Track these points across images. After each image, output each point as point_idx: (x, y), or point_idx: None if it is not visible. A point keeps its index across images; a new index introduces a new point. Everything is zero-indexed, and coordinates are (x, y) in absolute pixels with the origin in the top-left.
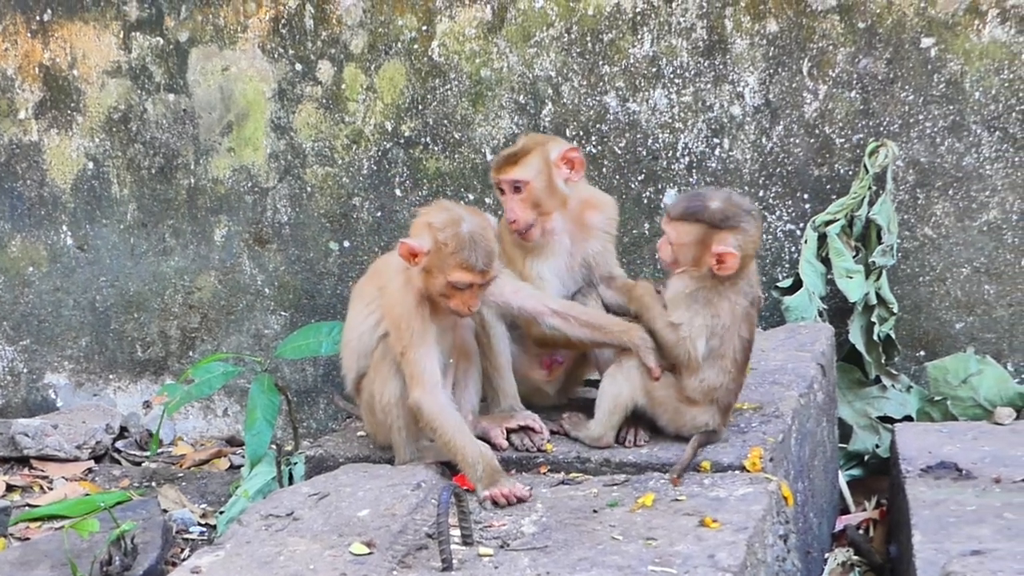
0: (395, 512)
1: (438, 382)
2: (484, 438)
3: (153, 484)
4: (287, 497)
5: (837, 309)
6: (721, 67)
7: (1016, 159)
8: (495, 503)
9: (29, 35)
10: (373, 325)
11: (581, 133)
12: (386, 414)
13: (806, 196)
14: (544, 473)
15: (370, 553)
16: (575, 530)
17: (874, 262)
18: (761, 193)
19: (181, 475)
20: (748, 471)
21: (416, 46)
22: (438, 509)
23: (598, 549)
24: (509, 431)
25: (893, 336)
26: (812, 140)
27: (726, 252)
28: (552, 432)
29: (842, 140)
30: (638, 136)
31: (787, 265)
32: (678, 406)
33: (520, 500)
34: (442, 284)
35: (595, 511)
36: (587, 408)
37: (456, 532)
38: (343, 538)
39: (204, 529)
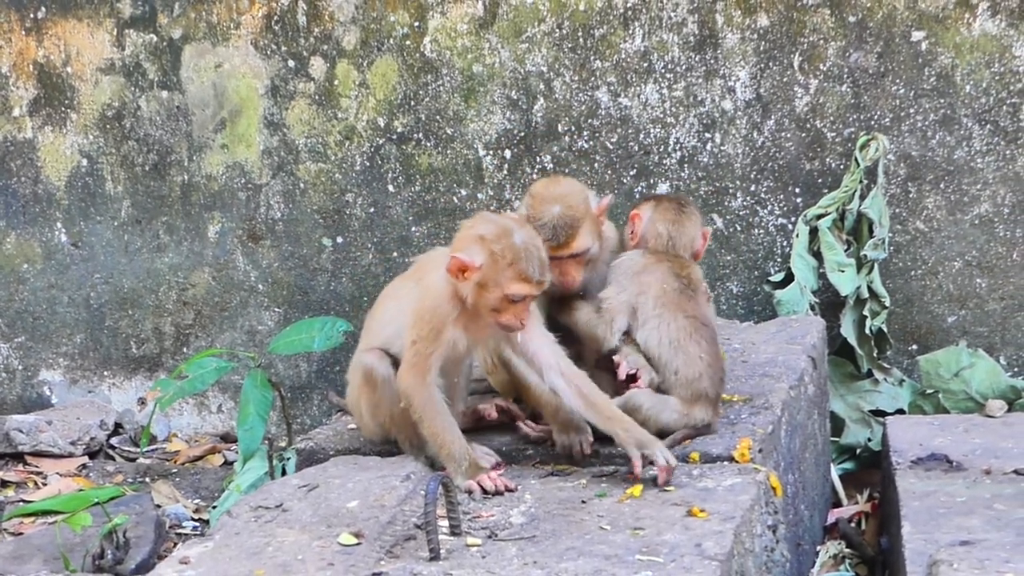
0: (384, 503)
1: (435, 378)
2: (476, 416)
3: (147, 480)
4: (277, 489)
5: (829, 303)
6: (712, 62)
7: (1007, 152)
8: (483, 489)
9: (23, 32)
10: (398, 329)
11: (573, 128)
12: (386, 430)
13: (797, 190)
14: (534, 465)
15: (358, 543)
16: (563, 520)
17: (866, 256)
18: (753, 187)
19: (175, 471)
20: (737, 462)
21: (408, 42)
22: (425, 499)
23: (585, 539)
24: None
25: (885, 330)
26: (803, 134)
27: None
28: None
29: (833, 134)
30: (630, 131)
31: (779, 259)
32: (677, 407)
33: (508, 489)
34: (497, 298)
35: (583, 502)
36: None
37: (444, 522)
38: (332, 529)
39: (197, 524)
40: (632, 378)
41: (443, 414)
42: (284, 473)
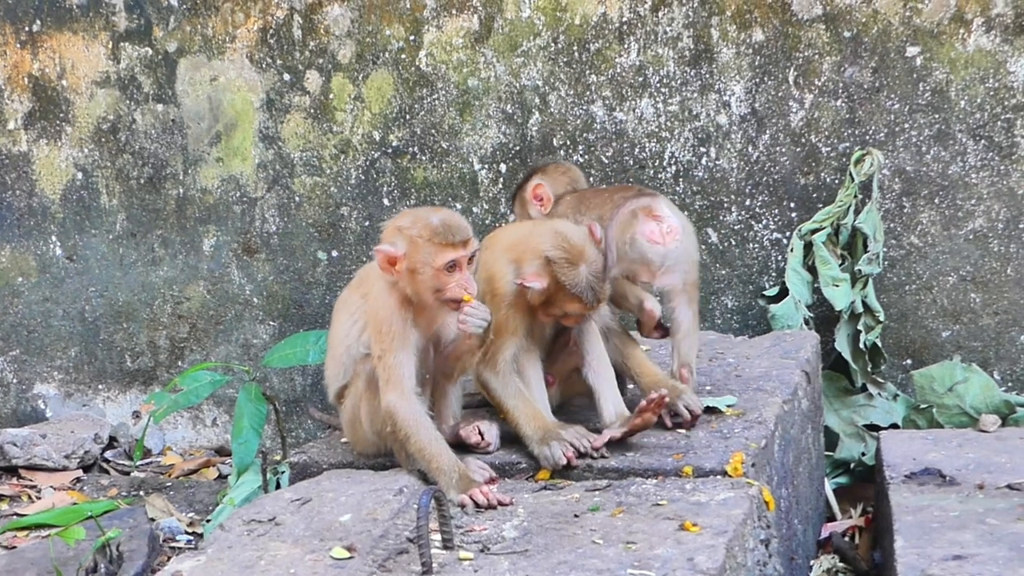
0: (377, 517)
1: (413, 388)
2: (461, 442)
3: (141, 493)
4: (270, 503)
5: (823, 317)
6: (707, 76)
7: (1001, 167)
8: (475, 503)
9: (18, 45)
10: (357, 335)
11: (568, 142)
12: (384, 438)
13: (792, 205)
14: (527, 479)
15: (351, 557)
16: (556, 534)
17: (860, 270)
18: (748, 202)
19: (169, 484)
20: (730, 476)
21: (404, 56)
22: (418, 513)
23: (578, 553)
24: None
25: (879, 344)
26: (798, 149)
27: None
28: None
29: (828, 149)
30: (625, 145)
31: (773, 273)
32: None
33: (501, 503)
34: (431, 276)
35: (576, 516)
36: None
37: (437, 536)
38: (324, 543)
39: (191, 538)
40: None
41: (427, 428)
42: (278, 487)
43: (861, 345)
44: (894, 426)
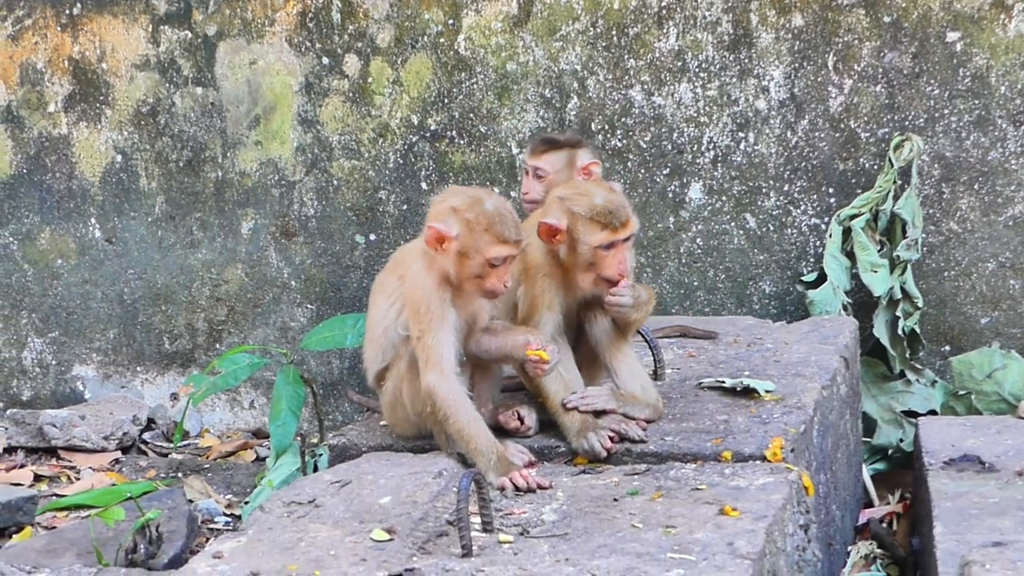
0: (416, 499)
1: (454, 368)
2: (500, 426)
3: (179, 475)
4: (309, 485)
5: (861, 303)
6: (746, 61)
7: None
8: (515, 486)
9: (59, 29)
10: (395, 317)
11: (606, 127)
12: (424, 419)
13: (831, 190)
14: (566, 463)
15: (391, 539)
16: (595, 518)
17: (899, 256)
18: (786, 187)
19: (207, 466)
20: (769, 461)
21: (442, 40)
22: (458, 496)
23: (617, 536)
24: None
25: (918, 331)
26: (837, 134)
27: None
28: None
29: (867, 134)
30: (663, 130)
31: (811, 259)
32: None
33: (540, 487)
34: (479, 263)
35: (615, 499)
36: None
37: (476, 519)
38: (364, 524)
39: (229, 519)
40: None
41: (467, 408)
42: (316, 469)
43: (899, 331)
44: (932, 412)
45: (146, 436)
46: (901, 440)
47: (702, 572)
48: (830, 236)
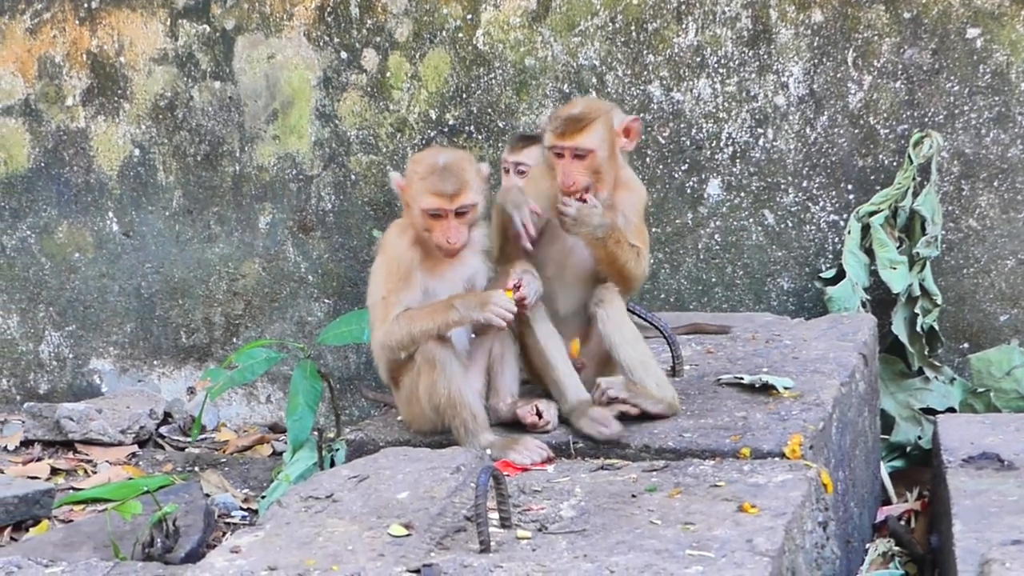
0: (434, 495)
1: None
2: (518, 422)
3: (196, 469)
4: (327, 480)
5: (880, 300)
6: (765, 57)
7: None
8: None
9: (77, 22)
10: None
11: None
12: (441, 414)
13: (850, 187)
14: (583, 459)
15: (408, 535)
16: (613, 514)
17: (918, 253)
18: (805, 183)
19: (224, 461)
20: (788, 458)
21: (461, 35)
22: (476, 491)
23: (636, 533)
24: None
25: (936, 328)
26: (856, 131)
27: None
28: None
29: (887, 131)
30: (682, 126)
31: (830, 255)
32: None
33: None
34: (419, 215)
35: (634, 496)
36: None
37: (494, 515)
38: (382, 520)
39: (246, 513)
40: None
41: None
42: (333, 464)
43: (918, 328)
44: (951, 410)
45: (163, 430)
46: (919, 437)
47: (721, 569)
48: (849, 233)
